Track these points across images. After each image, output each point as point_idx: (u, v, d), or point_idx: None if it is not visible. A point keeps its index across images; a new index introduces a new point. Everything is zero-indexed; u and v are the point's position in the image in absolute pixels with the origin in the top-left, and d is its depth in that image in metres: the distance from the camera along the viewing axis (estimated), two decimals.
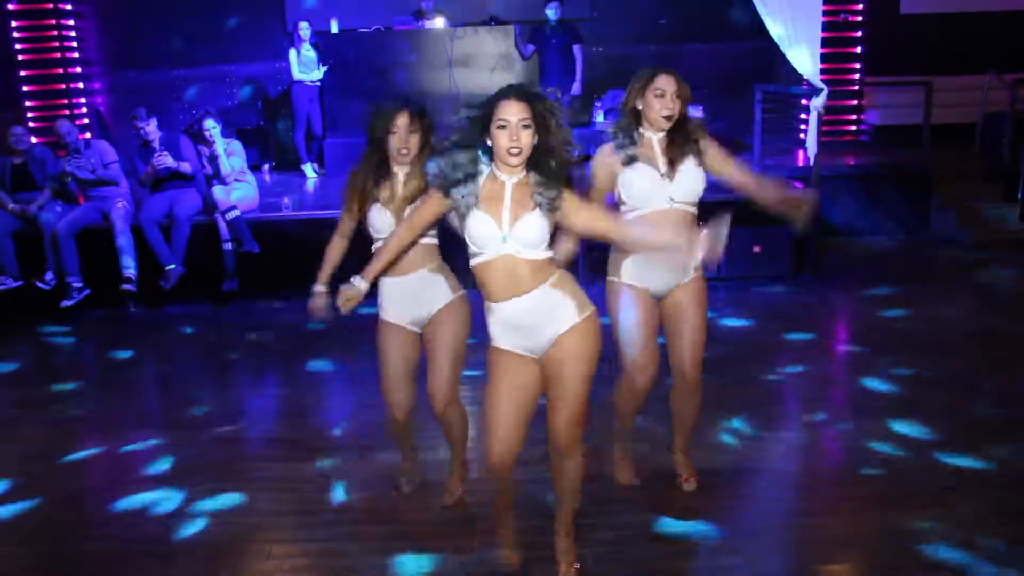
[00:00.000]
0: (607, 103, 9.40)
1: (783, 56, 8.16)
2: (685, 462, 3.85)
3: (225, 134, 7.20)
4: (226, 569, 3.41)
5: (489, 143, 2.84)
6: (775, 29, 7.83)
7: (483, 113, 2.83)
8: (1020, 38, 10.18)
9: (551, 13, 9.01)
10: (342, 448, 4.42)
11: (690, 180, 3.48)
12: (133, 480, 4.18)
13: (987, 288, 6.94)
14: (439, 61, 9.17)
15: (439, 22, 9.36)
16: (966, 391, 4.82)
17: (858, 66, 10.32)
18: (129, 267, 6.76)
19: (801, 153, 8.93)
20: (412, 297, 3.56)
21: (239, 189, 7.06)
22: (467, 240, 2.91)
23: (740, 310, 6.38)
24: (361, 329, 6.33)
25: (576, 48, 9.03)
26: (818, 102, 7.90)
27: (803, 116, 9.07)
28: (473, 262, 2.93)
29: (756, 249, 6.84)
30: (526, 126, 2.80)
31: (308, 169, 9.32)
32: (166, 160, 6.81)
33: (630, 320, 3.53)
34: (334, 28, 9.43)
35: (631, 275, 3.54)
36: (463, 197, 2.85)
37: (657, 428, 4.20)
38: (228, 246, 6.91)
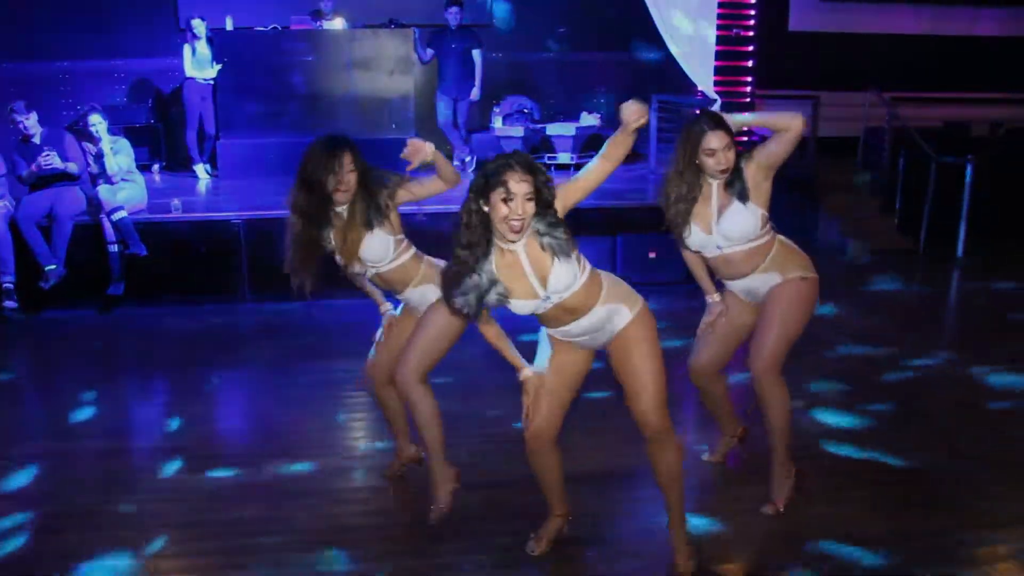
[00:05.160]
0: (505, 108, 9.44)
1: (679, 67, 8.36)
2: (781, 481, 3.70)
3: (112, 131, 6.93)
4: None
5: (486, 210, 2.82)
6: (672, 41, 8.02)
7: (484, 182, 2.80)
8: (898, 58, 10.73)
9: (451, 18, 8.99)
10: (233, 458, 4.28)
11: (736, 223, 3.50)
12: (5, 496, 3.95)
13: (869, 293, 7.26)
14: (337, 62, 9.03)
15: (338, 23, 9.22)
16: (850, 391, 5.01)
17: (749, 79, 10.66)
18: (7, 277, 6.42)
19: None
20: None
21: (126, 189, 6.78)
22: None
23: None
24: (245, 337, 6.24)
25: (476, 53, 9.03)
26: None
27: None
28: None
29: (652, 255, 6.96)
30: (530, 199, 2.78)
31: (200, 170, 9.05)
32: (53, 161, 6.50)
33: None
34: (229, 25, 9.17)
35: None
36: (496, 299, 2.88)
37: None
38: (114, 248, 6.63)
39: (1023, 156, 9.75)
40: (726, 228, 3.51)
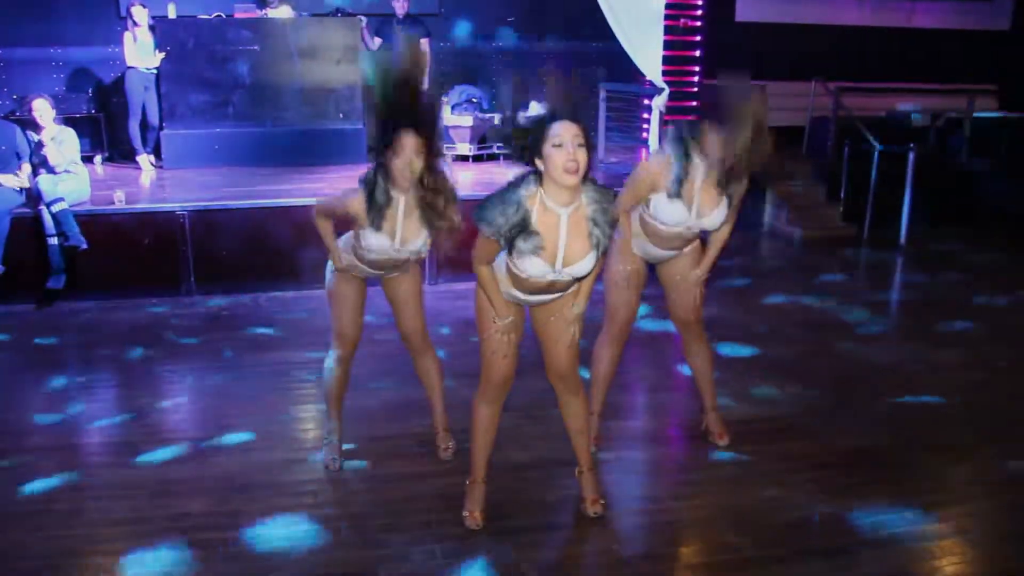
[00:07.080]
0: (454, 98, 9.40)
1: (627, 56, 8.39)
2: (716, 419, 4.20)
3: (55, 121, 6.75)
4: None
5: (540, 167, 2.92)
6: (620, 31, 8.04)
7: (534, 136, 2.89)
8: (843, 49, 10.89)
9: (398, 7, 8.91)
10: (179, 452, 4.21)
11: (717, 218, 3.79)
12: None
13: (814, 278, 7.38)
14: (283, 51, 8.90)
15: (284, 11, 9.09)
16: (797, 376, 5.09)
17: (696, 69, 10.74)
18: None
19: (643, 151, 9.20)
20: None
21: (68, 180, 6.61)
22: (511, 264, 3.04)
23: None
24: (191, 331, 6.14)
25: (424, 43, 8.96)
26: (659, 101, 8.18)
27: (645, 115, 9.37)
28: (512, 270, 3.08)
29: None
30: (580, 145, 2.88)
31: (143, 161, 8.87)
32: (11, 182, 6.42)
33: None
34: (172, 13, 9.00)
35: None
36: (527, 244, 2.95)
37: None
38: (53, 241, 6.46)
39: (961, 146, 9.99)
40: (708, 221, 3.77)
